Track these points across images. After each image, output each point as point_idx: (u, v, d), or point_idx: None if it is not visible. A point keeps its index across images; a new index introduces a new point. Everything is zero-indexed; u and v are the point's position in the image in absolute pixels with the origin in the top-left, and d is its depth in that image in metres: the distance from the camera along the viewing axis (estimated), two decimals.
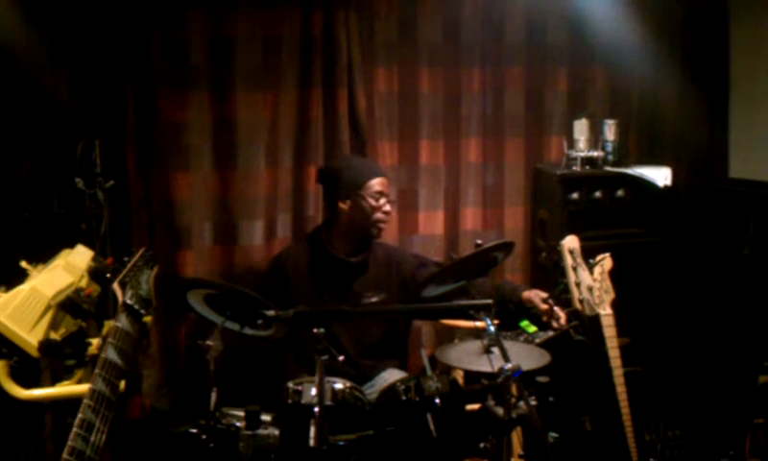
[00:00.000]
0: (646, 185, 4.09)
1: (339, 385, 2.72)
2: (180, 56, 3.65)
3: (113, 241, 3.50)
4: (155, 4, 3.59)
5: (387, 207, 3.44)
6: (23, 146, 3.47)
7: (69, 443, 1.62)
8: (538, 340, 3.33)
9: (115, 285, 2.10)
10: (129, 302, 2.00)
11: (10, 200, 3.41)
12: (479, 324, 2.72)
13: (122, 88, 3.58)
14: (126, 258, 2.29)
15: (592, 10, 4.15)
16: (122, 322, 1.94)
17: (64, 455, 1.60)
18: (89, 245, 3.16)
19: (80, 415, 1.67)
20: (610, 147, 4.14)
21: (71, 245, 3.08)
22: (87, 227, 3.45)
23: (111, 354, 1.83)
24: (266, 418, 2.73)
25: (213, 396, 2.73)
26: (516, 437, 2.89)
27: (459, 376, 3.45)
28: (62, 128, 3.49)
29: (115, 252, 3.28)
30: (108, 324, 2.72)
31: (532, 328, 3.42)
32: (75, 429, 1.64)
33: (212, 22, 3.69)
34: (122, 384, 1.92)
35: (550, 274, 3.58)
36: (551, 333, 3.33)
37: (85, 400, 1.70)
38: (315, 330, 2.41)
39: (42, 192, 3.46)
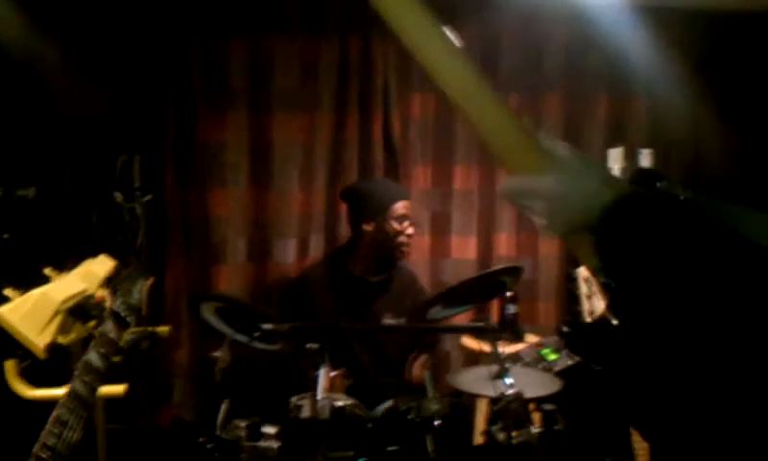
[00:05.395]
0: None
1: (340, 402, 2.77)
2: (220, 78, 3.78)
3: (149, 254, 3.63)
4: (198, 30, 3.74)
5: (410, 230, 3.46)
6: (66, 161, 3.65)
7: (41, 439, 1.71)
8: (557, 368, 3.32)
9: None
10: (116, 309, 2.10)
11: (51, 211, 3.59)
12: (485, 347, 2.74)
13: (163, 108, 3.74)
14: (122, 269, 2.39)
15: (630, 39, 4.08)
16: (107, 328, 2.02)
17: (34, 450, 1.69)
18: (124, 257, 3.30)
19: (54, 412, 1.75)
20: None
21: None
22: (123, 239, 3.58)
23: (93, 358, 1.91)
24: (269, 430, 2.78)
25: (224, 407, 2.81)
26: None
27: (483, 403, 3.46)
28: (104, 144, 3.66)
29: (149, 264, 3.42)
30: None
31: (552, 356, 3.40)
32: (48, 426, 1.73)
33: (251, 46, 3.80)
34: (106, 388, 2.00)
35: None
36: (570, 362, 3.30)
37: (62, 400, 1.79)
38: (307, 346, 2.46)
39: (83, 205, 3.63)
